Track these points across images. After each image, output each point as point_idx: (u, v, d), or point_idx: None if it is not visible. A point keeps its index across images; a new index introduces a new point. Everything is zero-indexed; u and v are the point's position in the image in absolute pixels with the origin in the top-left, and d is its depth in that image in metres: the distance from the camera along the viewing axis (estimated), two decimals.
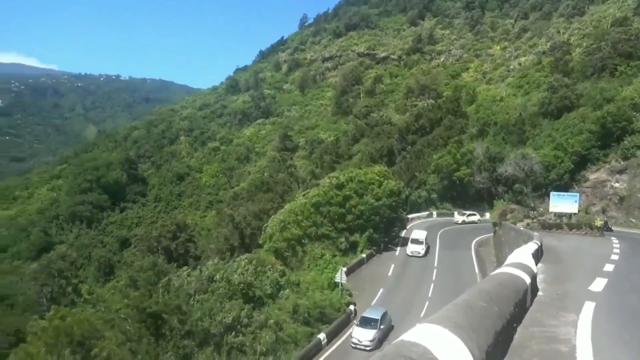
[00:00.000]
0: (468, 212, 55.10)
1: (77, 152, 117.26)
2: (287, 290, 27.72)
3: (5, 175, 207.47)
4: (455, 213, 56.18)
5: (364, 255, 37.83)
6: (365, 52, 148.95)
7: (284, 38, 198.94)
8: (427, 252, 39.49)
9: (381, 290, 31.59)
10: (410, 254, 38.89)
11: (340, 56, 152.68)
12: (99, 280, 58.63)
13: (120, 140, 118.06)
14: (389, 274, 35.25)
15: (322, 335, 24.05)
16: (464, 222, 53.87)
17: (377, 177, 42.01)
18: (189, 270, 39.74)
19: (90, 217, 77.47)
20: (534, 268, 10.02)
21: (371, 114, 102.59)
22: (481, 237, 45.63)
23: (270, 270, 28.62)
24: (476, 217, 54.56)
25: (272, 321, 23.52)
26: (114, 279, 58.08)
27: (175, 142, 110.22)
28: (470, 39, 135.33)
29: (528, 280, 8.25)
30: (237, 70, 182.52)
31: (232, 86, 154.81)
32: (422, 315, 25.99)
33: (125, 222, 77.83)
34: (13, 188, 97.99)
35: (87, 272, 61.89)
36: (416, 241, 39.63)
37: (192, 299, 27.81)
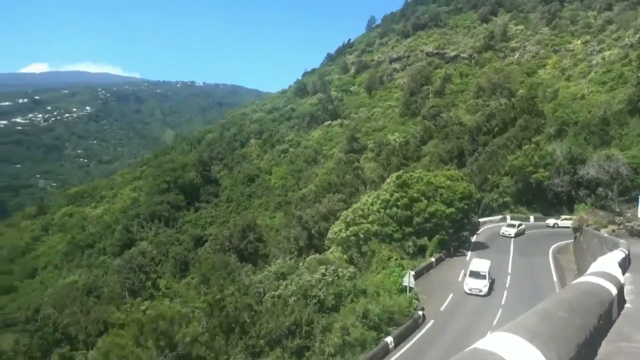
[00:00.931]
0: (563, 217, 51.41)
1: (156, 154, 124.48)
2: (354, 295, 27.64)
3: (93, 176, 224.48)
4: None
5: (432, 260, 36.96)
6: (434, 51, 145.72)
7: (351, 40, 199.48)
8: (491, 288, 31.27)
9: (450, 295, 30.71)
10: (468, 291, 30.84)
11: (408, 57, 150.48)
12: (175, 276, 61.78)
13: (195, 143, 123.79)
14: (459, 279, 34.14)
15: (389, 339, 23.82)
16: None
17: (448, 180, 40.88)
18: (259, 269, 40.84)
19: (168, 216, 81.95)
20: (621, 278, 9.31)
21: (440, 115, 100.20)
22: (559, 243, 42.94)
23: (339, 273, 28.68)
24: (563, 222, 50.90)
25: (338, 325, 23.59)
26: (188, 275, 61.03)
27: (246, 145, 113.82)
28: (547, 34, 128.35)
29: (614, 291, 7.68)
30: (305, 74, 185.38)
31: (300, 89, 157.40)
32: (494, 324, 24.97)
33: (199, 222, 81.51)
34: (100, 188, 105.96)
35: (164, 268, 65.47)
36: (476, 274, 31.63)
37: (261, 298, 28.57)
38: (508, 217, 56.11)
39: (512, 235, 46.33)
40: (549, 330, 3.83)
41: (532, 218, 55.12)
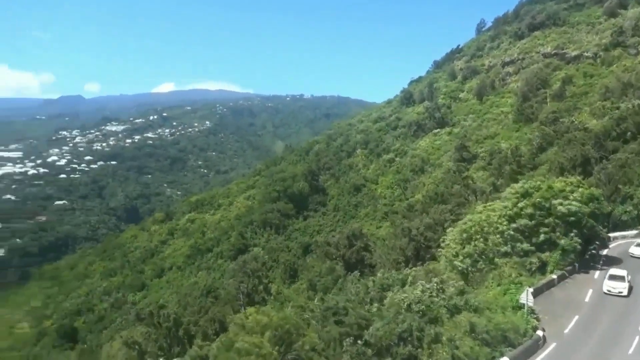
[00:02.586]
0: None
1: (267, 165, 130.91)
2: (462, 309, 26.48)
3: (212, 185, 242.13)
4: None
5: (554, 276, 33.91)
6: (553, 52, 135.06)
7: (460, 46, 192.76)
8: (630, 291, 31.79)
9: (576, 317, 28.02)
10: (607, 291, 31.56)
11: (523, 59, 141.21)
12: (285, 281, 64.14)
13: (303, 153, 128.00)
14: (586, 299, 31.00)
15: (505, 359, 22.43)
16: None
17: (569, 185, 37.53)
18: (366, 278, 40.84)
19: (278, 224, 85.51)
20: None
21: (560, 120, 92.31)
22: None
23: (447, 286, 27.71)
24: None
25: (445, 338, 22.79)
26: (297, 281, 63.01)
27: (352, 155, 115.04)
28: None
29: None
30: (412, 82, 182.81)
31: (407, 98, 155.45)
32: (630, 352, 22.34)
33: (307, 230, 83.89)
34: (218, 196, 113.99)
35: (275, 274, 68.34)
36: (617, 277, 32.40)
37: (367, 307, 28.53)
38: None
39: None
40: None
41: None
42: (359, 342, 22.48)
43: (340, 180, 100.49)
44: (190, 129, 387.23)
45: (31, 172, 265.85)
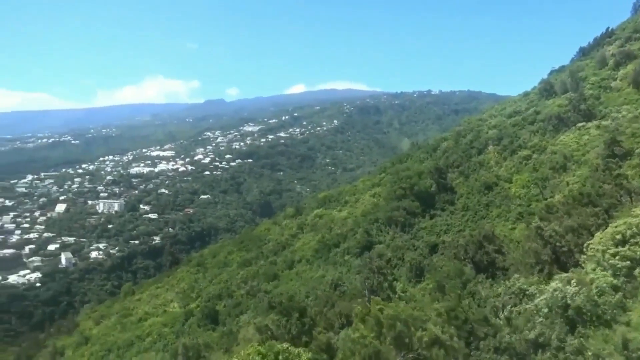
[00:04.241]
0: None
1: (393, 162, 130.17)
2: (616, 321, 23.65)
3: (339, 182, 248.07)
4: None
5: None
6: None
7: (611, 29, 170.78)
8: None
9: None
10: None
11: None
12: (411, 280, 63.29)
13: (430, 151, 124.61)
14: None
15: None
16: None
17: None
18: (497, 282, 38.69)
19: (404, 222, 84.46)
20: None
21: None
22: None
23: (596, 295, 25.03)
24: None
25: (590, 353, 20.61)
26: (423, 281, 61.79)
27: (483, 152, 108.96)
28: None
29: None
30: (552, 72, 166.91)
31: (546, 90, 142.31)
32: None
33: (434, 229, 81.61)
34: (344, 193, 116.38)
35: (400, 272, 67.74)
36: None
37: (500, 312, 27.00)
38: None
39: None
40: None
41: None
42: (485, 347, 21.41)
43: (469, 179, 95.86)
44: (319, 128, 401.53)
45: (181, 169, 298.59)
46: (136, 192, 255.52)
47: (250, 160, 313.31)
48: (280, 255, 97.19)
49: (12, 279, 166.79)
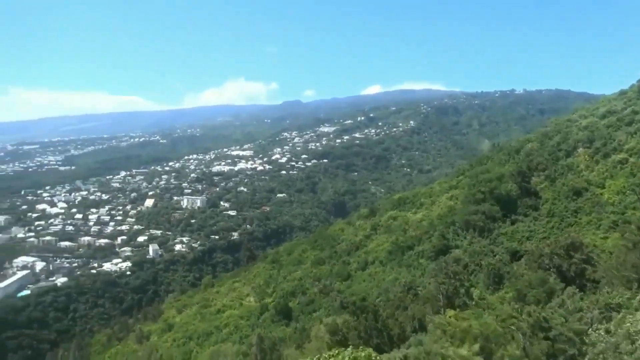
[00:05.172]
0: None
1: (472, 164, 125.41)
2: None
3: (414, 184, 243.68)
4: None
5: None
6: None
7: None
8: None
9: None
10: None
11: None
12: (489, 287, 60.66)
13: (513, 153, 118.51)
14: None
15: None
16: None
17: None
18: (586, 295, 36.06)
19: (482, 227, 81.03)
20: None
21: None
22: None
23: None
24: None
25: None
26: (502, 289, 58.93)
27: (572, 155, 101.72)
28: None
29: None
30: None
31: None
32: None
33: (515, 235, 77.50)
34: (420, 195, 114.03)
35: (477, 278, 65.11)
36: None
37: (590, 328, 25.07)
38: None
39: None
40: None
41: None
42: None
43: (556, 183, 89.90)
44: (394, 129, 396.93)
45: (259, 168, 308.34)
46: (217, 189, 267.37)
47: (325, 161, 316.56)
48: (353, 256, 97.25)
49: (107, 266, 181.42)
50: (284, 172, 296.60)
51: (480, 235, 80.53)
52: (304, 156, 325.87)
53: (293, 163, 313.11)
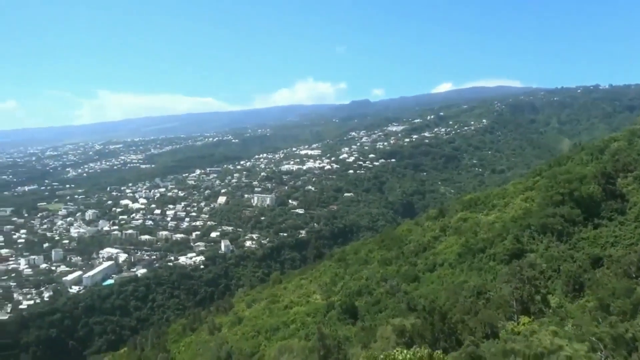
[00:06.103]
0: None
1: (550, 165, 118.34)
2: None
3: (486, 184, 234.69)
4: None
5: None
6: None
7: None
8: None
9: None
10: None
11: None
12: (567, 295, 57.10)
13: (597, 152, 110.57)
14: None
15: None
16: None
17: None
18: None
19: (561, 230, 76.24)
20: None
21: None
22: None
23: None
24: None
25: None
26: (583, 297, 55.24)
27: None
28: None
29: None
30: None
31: None
32: None
33: (598, 240, 72.19)
34: (492, 196, 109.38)
35: (555, 285, 61.48)
36: None
37: None
38: None
39: None
40: None
41: None
42: None
43: None
44: (465, 128, 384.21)
45: (327, 167, 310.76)
46: (286, 188, 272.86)
47: (393, 160, 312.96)
48: (420, 257, 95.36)
49: (182, 260, 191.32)
50: (351, 171, 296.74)
51: (558, 239, 75.97)
52: (371, 155, 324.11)
53: (360, 162, 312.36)
